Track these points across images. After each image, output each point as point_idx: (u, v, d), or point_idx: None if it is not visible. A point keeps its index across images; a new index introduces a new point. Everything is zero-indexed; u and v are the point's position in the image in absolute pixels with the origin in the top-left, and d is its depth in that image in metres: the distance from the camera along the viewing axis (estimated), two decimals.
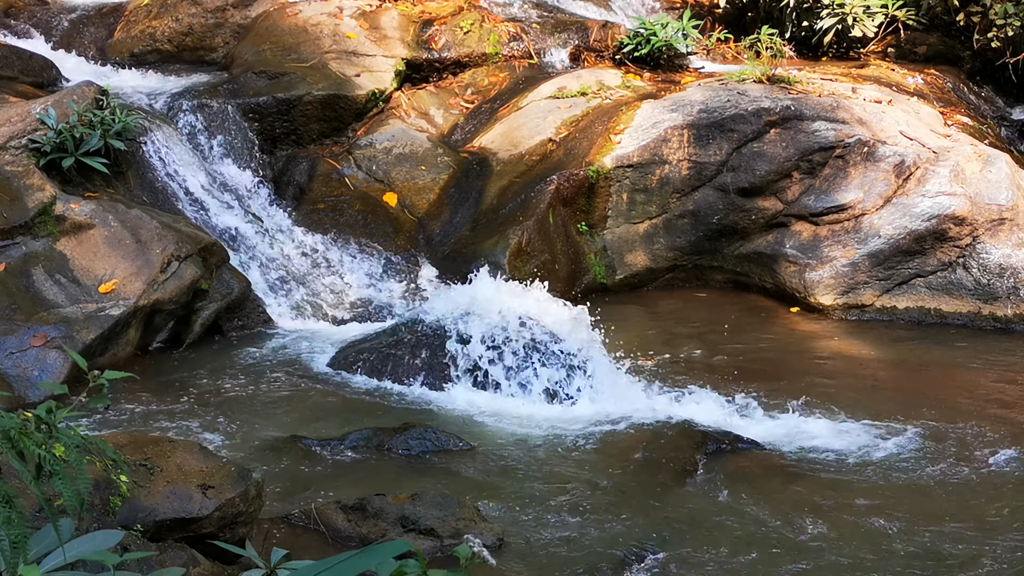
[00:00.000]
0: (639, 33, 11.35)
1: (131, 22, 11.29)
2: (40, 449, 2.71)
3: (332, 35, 10.93)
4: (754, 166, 9.83)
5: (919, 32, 12.52)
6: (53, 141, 8.39)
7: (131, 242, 8.05)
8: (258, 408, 7.17)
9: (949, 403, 7.68)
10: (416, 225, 9.81)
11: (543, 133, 10.27)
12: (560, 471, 6.43)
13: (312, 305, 8.91)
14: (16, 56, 9.88)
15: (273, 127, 10.07)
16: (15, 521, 2.56)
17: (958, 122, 10.58)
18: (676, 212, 9.93)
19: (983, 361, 8.62)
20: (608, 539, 5.62)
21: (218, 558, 4.56)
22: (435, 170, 10.14)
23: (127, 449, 4.65)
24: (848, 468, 6.61)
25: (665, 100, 10.25)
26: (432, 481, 6.13)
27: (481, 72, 11.22)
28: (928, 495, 6.27)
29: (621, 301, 9.66)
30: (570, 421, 7.15)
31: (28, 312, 7.55)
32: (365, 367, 7.76)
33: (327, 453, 6.48)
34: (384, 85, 10.59)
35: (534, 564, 5.33)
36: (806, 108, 9.98)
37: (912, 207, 9.50)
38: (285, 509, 5.58)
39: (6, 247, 7.87)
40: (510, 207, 9.62)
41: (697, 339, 8.91)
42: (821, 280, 9.50)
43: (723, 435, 6.86)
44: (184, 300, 8.14)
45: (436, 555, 5.21)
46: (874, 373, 8.36)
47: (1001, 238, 9.41)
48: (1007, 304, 9.27)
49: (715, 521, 5.90)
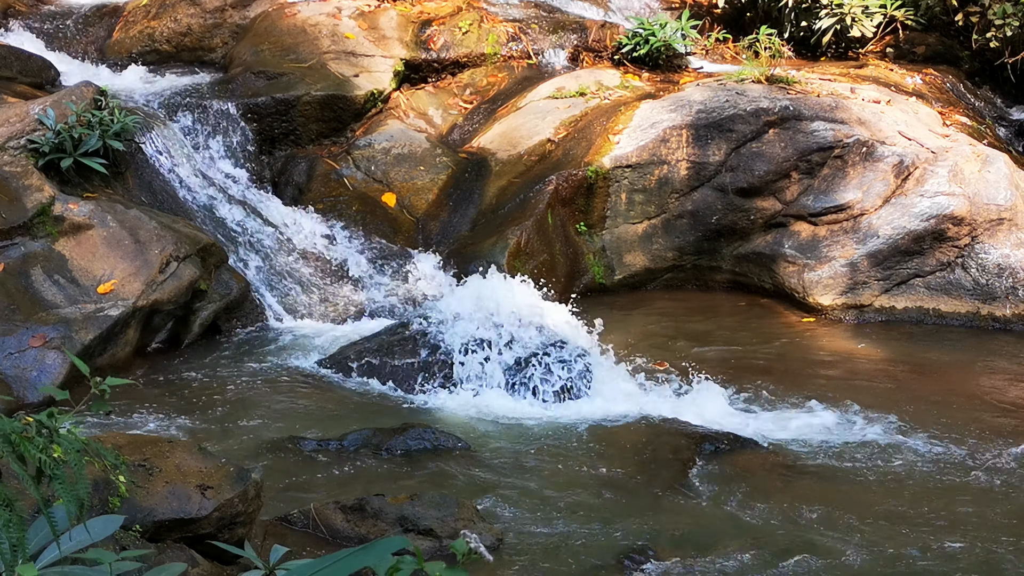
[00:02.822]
0: (638, 33, 11.35)
1: (130, 23, 11.29)
2: (41, 453, 2.71)
3: (331, 35, 10.93)
4: (753, 166, 9.83)
5: (918, 32, 12.52)
6: (52, 141, 8.39)
7: (130, 242, 8.04)
8: (257, 408, 7.17)
9: (948, 403, 7.69)
10: (415, 225, 9.81)
11: (542, 133, 10.27)
12: (559, 471, 6.43)
13: (311, 305, 8.90)
14: (15, 56, 9.88)
15: (272, 127, 10.07)
16: (15, 523, 2.57)
17: (957, 122, 10.58)
18: (675, 212, 9.93)
19: (982, 361, 8.63)
20: (607, 539, 5.62)
21: (217, 558, 4.57)
22: (434, 170, 10.14)
23: (126, 449, 4.64)
24: (847, 467, 6.61)
25: (664, 100, 10.25)
26: (431, 481, 6.13)
27: (480, 72, 11.21)
28: (928, 494, 6.27)
29: (620, 301, 9.67)
30: (569, 421, 7.16)
31: (27, 312, 7.54)
32: (364, 367, 7.76)
33: (326, 453, 6.48)
34: (383, 85, 10.60)
35: (533, 564, 5.34)
36: (805, 108, 9.99)
37: (911, 207, 9.50)
38: (284, 509, 5.58)
39: (5, 247, 7.87)
40: (509, 207, 9.62)
41: (696, 339, 8.92)
42: (820, 280, 9.50)
43: (722, 435, 6.87)
44: (183, 300, 8.14)
45: (435, 555, 5.21)
46: (873, 373, 8.37)
47: (1000, 238, 9.41)
48: (1006, 304, 9.28)
49: (714, 520, 5.91)
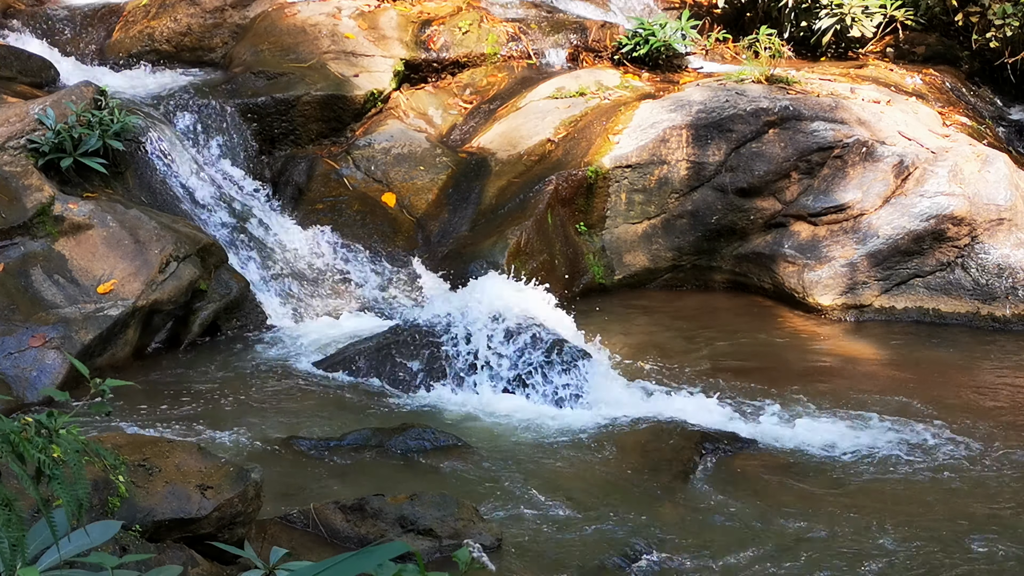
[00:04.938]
0: (638, 33, 11.35)
1: (129, 22, 11.28)
2: (40, 454, 2.71)
3: (331, 35, 10.93)
4: (753, 166, 9.83)
5: (918, 32, 12.53)
6: (51, 141, 8.38)
7: (130, 242, 8.04)
8: (257, 408, 7.17)
9: (948, 403, 7.68)
10: (415, 225, 9.80)
11: (542, 133, 10.27)
12: (558, 471, 6.43)
13: (311, 305, 8.90)
14: (14, 56, 9.87)
15: (272, 127, 10.07)
16: (14, 523, 2.56)
17: (956, 122, 10.58)
18: (675, 212, 9.93)
19: (982, 361, 8.64)
20: (606, 539, 5.62)
21: (217, 558, 4.56)
22: (434, 170, 10.14)
23: (125, 449, 4.64)
24: (847, 467, 6.61)
25: (664, 100, 10.25)
26: (431, 481, 6.13)
27: (480, 72, 11.21)
28: (928, 494, 6.27)
29: (620, 301, 9.67)
30: (568, 421, 7.16)
31: (27, 312, 7.54)
32: (364, 367, 7.76)
33: (326, 453, 6.48)
34: (383, 85, 10.59)
35: (533, 564, 5.33)
36: (805, 108, 9.98)
37: (911, 207, 9.50)
38: (284, 509, 5.58)
39: (4, 247, 7.87)
40: (509, 207, 9.62)
41: (695, 339, 8.91)
42: (820, 280, 9.50)
43: (721, 435, 6.87)
44: (183, 300, 8.14)
45: (435, 555, 5.21)
46: (873, 373, 8.37)
47: (999, 238, 9.41)
48: (1005, 304, 9.28)
49: (714, 521, 5.91)
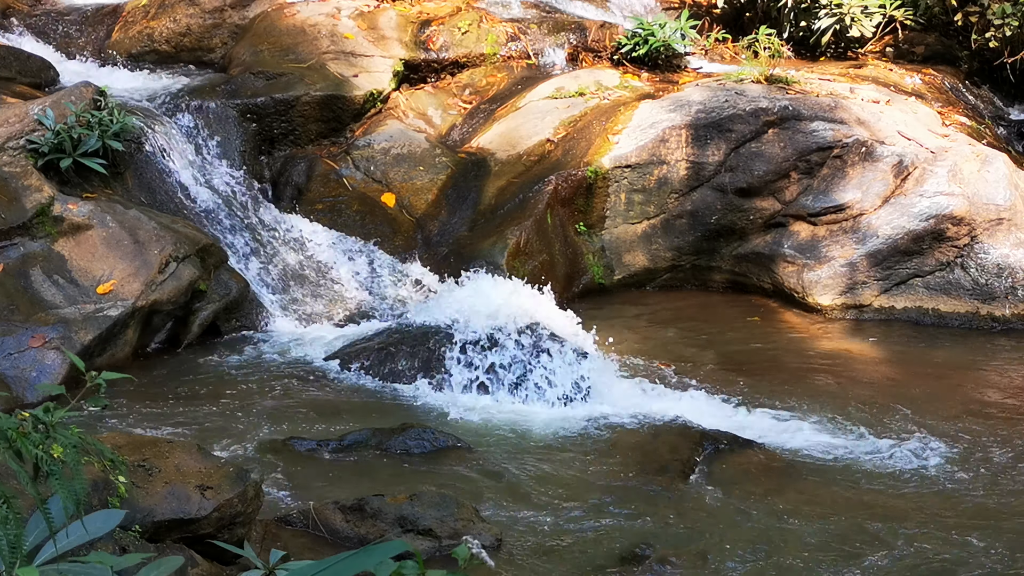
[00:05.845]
0: (637, 33, 11.34)
1: (129, 23, 11.28)
2: (38, 450, 2.70)
3: (330, 35, 10.92)
4: (752, 166, 9.82)
5: (917, 32, 12.52)
6: (51, 142, 8.38)
7: (129, 243, 8.04)
8: (256, 409, 7.17)
9: (947, 403, 7.68)
10: (414, 225, 9.80)
11: (541, 133, 10.27)
12: (558, 471, 6.43)
13: (310, 306, 8.89)
14: (14, 57, 9.87)
15: (271, 127, 10.06)
16: (12, 521, 2.56)
17: (956, 122, 10.58)
18: (674, 212, 9.92)
19: (981, 361, 8.63)
20: (606, 539, 5.62)
21: (216, 558, 4.56)
22: (433, 170, 10.13)
23: (125, 450, 4.64)
24: (847, 467, 6.61)
25: (663, 100, 10.25)
26: (430, 482, 6.12)
27: (479, 72, 11.21)
28: (928, 494, 6.27)
29: (619, 301, 9.66)
30: (568, 421, 7.16)
31: (26, 313, 7.54)
32: (363, 368, 7.75)
33: (325, 454, 6.48)
34: (382, 85, 10.59)
35: (532, 564, 5.33)
36: (804, 108, 9.98)
37: (910, 207, 9.50)
38: (283, 510, 5.58)
39: (4, 248, 7.86)
40: (508, 207, 9.61)
41: (695, 339, 8.91)
42: (819, 280, 9.50)
43: (721, 435, 6.86)
44: (182, 301, 8.13)
45: (434, 555, 5.21)
46: (872, 373, 8.37)
47: (999, 238, 9.41)
48: (1005, 304, 9.28)
49: (714, 521, 5.90)
